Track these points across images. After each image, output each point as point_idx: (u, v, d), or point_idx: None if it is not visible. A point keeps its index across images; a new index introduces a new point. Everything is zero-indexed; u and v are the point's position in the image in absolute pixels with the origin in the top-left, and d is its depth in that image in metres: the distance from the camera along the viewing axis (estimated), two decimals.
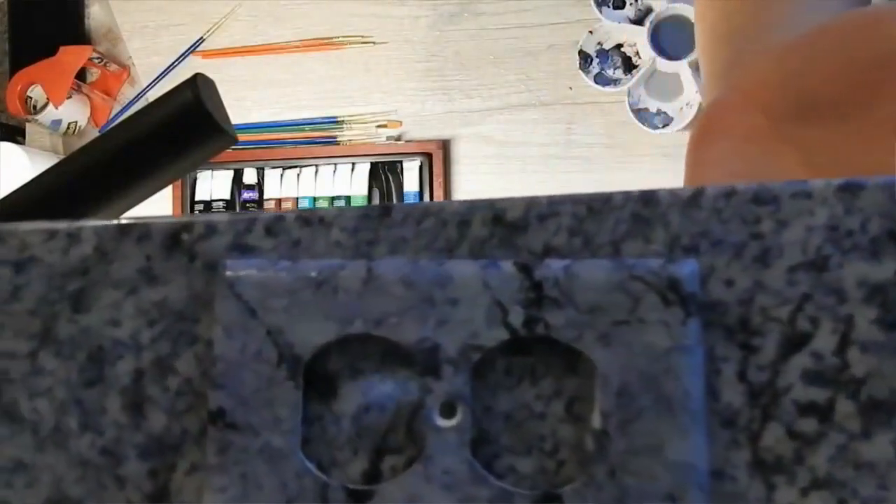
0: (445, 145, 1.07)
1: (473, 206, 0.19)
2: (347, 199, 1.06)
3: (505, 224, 0.18)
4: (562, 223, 0.18)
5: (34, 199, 0.30)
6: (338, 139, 1.09)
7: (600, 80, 0.95)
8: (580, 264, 0.18)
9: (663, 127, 0.94)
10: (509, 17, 1.01)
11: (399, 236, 0.19)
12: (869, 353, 0.17)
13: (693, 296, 0.17)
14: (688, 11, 0.93)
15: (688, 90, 0.93)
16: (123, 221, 0.20)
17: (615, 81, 0.95)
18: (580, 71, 0.94)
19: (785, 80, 0.26)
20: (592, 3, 0.94)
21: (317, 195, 1.06)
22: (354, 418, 0.18)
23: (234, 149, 1.08)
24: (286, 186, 1.08)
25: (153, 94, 1.14)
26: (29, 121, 1.13)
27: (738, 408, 0.17)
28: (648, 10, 0.94)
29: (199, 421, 0.19)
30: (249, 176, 1.10)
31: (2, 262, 0.20)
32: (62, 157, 0.88)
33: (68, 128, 1.12)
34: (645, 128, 0.94)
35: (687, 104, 0.94)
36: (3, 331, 0.19)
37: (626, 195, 0.18)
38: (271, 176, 1.09)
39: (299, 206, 1.07)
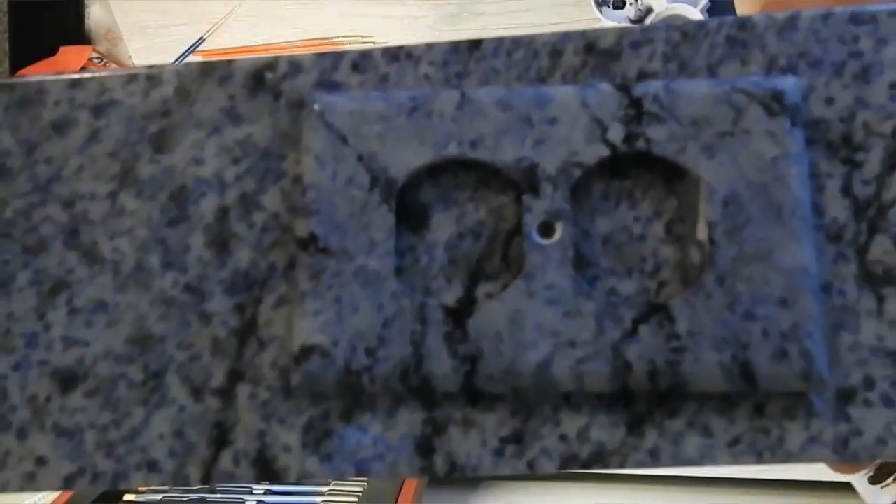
0: None
1: (566, 35, 0.19)
2: None
3: (598, 52, 0.19)
4: (656, 49, 0.19)
5: None
6: None
7: None
8: (680, 82, 0.18)
9: None
10: (509, 18, 1.01)
11: (490, 68, 0.19)
12: None
13: (797, 106, 0.17)
14: (688, 11, 0.93)
15: None
16: (205, 62, 0.20)
17: None
18: None
19: None
20: (592, 3, 0.95)
21: None
22: (447, 247, 0.18)
23: None
24: None
25: None
26: None
27: (843, 222, 0.18)
28: (648, 10, 0.95)
29: (286, 255, 0.19)
30: None
31: (80, 105, 0.20)
32: None
33: None
34: None
35: None
36: (82, 173, 0.19)
37: (721, 20, 0.18)
38: None
39: None
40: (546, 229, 0.18)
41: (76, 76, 0.20)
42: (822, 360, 0.16)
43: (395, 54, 0.19)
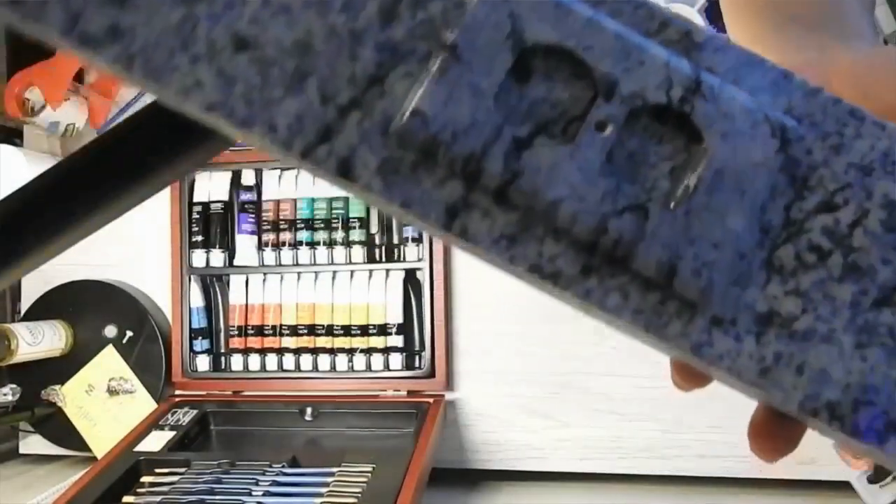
0: None
1: (677, 17, 0.26)
2: (346, 199, 1.06)
3: (691, 39, 0.26)
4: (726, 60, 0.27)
5: (33, 200, 0.30)
6: None
7: None
8: (731, 88, 0.25)
9: None
10: None
11: (618, 9, 0.26)
12: (868, 236, 0.25)
13: (790, 141, 0.25)
14: (687, 11, 0.93)
15: None
16: None
17: None
18: None
19: (860, 97, 0.32)
20: None
21: (315, 196, 1.06)
22: (532, 102, 0.25)
23: (232, 150, 1.08)
24: (284, 187, 1.08)
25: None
26: (27, 123, 1.13)
27: (774, 225, 0.25)
28: None
29: (426, 48, 0.24)
30: (248, 177, 1.10)
31: None
32: (60, 158, 0.88)
33: (66, 129, 1.12)
34: None
35: None
36: None
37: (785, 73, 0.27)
38: (269, 177, 1.09)
39: (297, 207, 1.07)
40: (601, 126, 0.24)
41: None
42: (718, 292, 0.24)
43: None
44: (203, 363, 1.10)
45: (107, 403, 1.11)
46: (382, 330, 1.05)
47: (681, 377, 0.31)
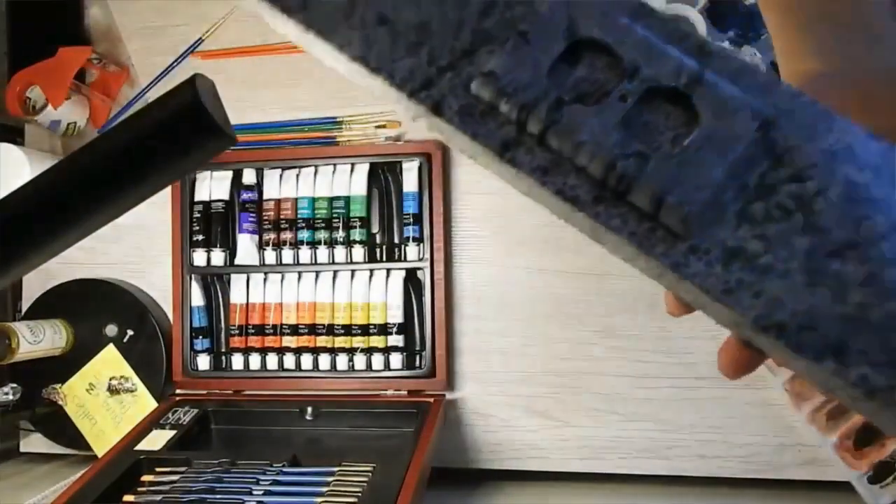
0: (445, 145, 1.07)
1: (695, 33, 0.32)
2: (346, 199, 1.06)
3: (703, 49, 0.32)
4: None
5: (34, 200, 0.30)
6: (337, 140, 1.10)
7: None
8: (727, 83, 0.31)
9: None
10: None
11: (649, 23, 0.32)
12: (828, 204, 0.30)
13: (769, 125, 0.31)
14: (687, 11, 0.93)
15: None
16: None
17: None
18: None
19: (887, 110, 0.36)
20: None
21: (316, 195, 1.06)
22: (576, 79, 0.32)
23: (233, 149, 1.08)
24: (285, 187, 1.08)
25: (152, 95, 1.14)
26: (28, 121, 1.13)
27: (749, 185, 0.31)
28: None
29: (506, 35, 0.32)
30: (248, 176, 1.10)
31: None
32: (61, 157, 0.88)
33: (67, 128, 1.12)
34: None
35: None
36: None
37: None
38: (270, 176, 1.09)
39: (298, 206, 1.07)
40: (623, 97, 0.31)
41: None
42: (695, 226, 0.30)
43: None
44: (204, 362, 1.10)
45: (107, 402, 1.12)
46: (383, 329, 1.05)
47: (673, 305, 0.37)
